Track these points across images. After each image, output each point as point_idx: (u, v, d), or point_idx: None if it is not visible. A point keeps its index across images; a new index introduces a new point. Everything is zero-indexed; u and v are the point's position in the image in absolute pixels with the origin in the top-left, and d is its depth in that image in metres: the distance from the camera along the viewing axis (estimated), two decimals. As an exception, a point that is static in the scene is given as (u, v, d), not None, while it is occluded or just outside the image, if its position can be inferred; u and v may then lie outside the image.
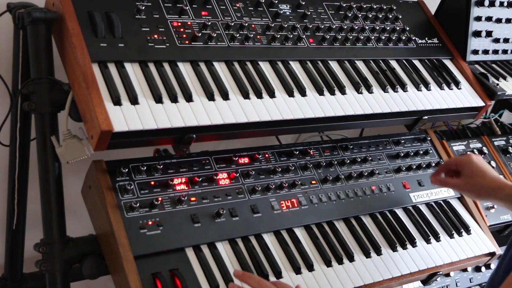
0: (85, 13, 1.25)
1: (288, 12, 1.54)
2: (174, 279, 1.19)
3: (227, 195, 1.36)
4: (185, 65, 1.32)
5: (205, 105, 1.25)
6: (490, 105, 1.76)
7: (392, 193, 1.60)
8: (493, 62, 1.90)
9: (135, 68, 1.25)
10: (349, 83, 1.50)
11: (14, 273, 1.48)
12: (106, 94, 1.16)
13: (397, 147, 1.71)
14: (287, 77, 1.42)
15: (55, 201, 1.26)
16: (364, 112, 1.46)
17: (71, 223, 1.35)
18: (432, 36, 1.79)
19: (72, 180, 1.52)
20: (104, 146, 1.15)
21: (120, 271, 1.18)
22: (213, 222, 1.30)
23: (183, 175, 1.34)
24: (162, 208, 1.27)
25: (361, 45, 1.61)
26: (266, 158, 1.47)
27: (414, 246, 1.52)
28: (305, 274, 1.31)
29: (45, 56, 1.24)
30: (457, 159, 1.57)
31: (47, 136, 1.25)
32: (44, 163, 1.26)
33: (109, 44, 1.23)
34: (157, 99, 1.21)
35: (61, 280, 1.25)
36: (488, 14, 1.85)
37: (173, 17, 1.36)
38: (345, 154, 1.61)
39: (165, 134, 1.22)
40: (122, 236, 1.19)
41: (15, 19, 1.26)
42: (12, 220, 1.40)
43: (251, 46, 1.42)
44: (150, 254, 1.21)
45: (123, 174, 1.27)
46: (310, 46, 1.51)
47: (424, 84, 1.63)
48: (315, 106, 1.39)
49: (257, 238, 1.34)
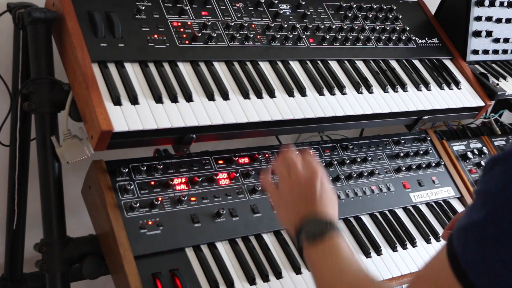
0: (85, 13, 1.25)
1: (288, 12, 1.54)
2: (174, 279, 1.19)
3: (227, 195, 1.36)
4: (185, 65, 1.32)
5: (205, 105, 1.25)
6: (490, 105, 1.76)
7: (392, 193, 1.60)
8: (493, 62, 1.90)
9: (135, 68, 1.25)
10: (349, 83, 1.50)
11: (14, 273, 1.47)
12: (106, 94, 1.16)
13: (397, 147, 1.71)
14: (287, 77, 1.42)
15: (55, 201, 1.26)
16: (364, 112, 1.46)
17: (71, 223, 1.35)
18: (432, 36, 1.79)
19: (72, 180, 1.52)
20: (104, 146, 1.15)
21: (120, 271, 1.18)
22: (213, 222, 1.30)
23: (183, 175, 1.34)
24: (162, 208, 1.27)
25: (361, 45, 1.61)
26: (266, 158, 1.47)
27: (414, 246, 1.51)
28: (305, 274, 1.31)
29: (45, 56, 1.24)
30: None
31: (47, 136, 1.24)
32: (44, 163, 1.25)
33: (109, 44, 1.23)
34: (157, 99, 1.21)
35: (61, 280, 1.25)
36: (488, 14, 1.85)
37: (173, 17, 1.36)
38: (345, 154, 1.61)
39: (165, 134, 1.22)
40: (122, 236, 1.19)
41: (15, 19, 1.26)
42: (12, 220, 1.40)
43: (251, 46, 1.42)
44: (150, 254, 1.21)
45: (123, 174, 1.27)
46: (310, 46, 1.51)
47: (424, 84, 1.63)
48: (315, 106, 1.39)
49: (257, 238, 1.34)
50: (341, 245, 1.01)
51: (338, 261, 0.98)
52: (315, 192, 1.07)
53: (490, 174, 0.70)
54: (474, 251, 0.69)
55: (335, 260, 0.98)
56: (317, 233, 1.01)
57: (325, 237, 1.01)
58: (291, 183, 1.10)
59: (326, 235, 1.01)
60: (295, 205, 1.08)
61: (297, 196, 1.08)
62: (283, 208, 1.11)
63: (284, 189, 1.11)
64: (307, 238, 1.02)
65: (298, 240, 1.04)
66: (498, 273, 0.66)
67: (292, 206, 1.08)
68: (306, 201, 1.07)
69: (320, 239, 1.01)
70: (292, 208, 1.08)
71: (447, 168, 1.75)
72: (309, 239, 1.02)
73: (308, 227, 1.03)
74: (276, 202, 1.14)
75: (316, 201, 1.06)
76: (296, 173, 1.11)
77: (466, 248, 0.70)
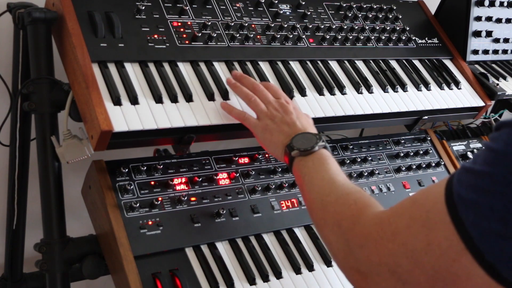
0: (85, 13, 1.25)
1: (288, 12, 1.54)
2: (174, 279, 1.19)
3: (227, 195, 1.36)
4: (185, 65, 1.32)
5: (205, 105, 1.26)
6: (490, 105, 1.76)
7: (392, 193, 1.60)
8: (493, 62, 1.90)
9: (135, 68, 1.25)
10: (349, 83, 1.50)
11: (14, 273, 1.47)
12: (106, 94, 1.16)
13: (397, 147, 1.71)
14: (287, 77, 1.42)
15: (55, 201, 1.25)
16: (364, 112, 1.46)
17: (71, 223, 1.34)
18: (432, 36, 1.79)
19: (72, 180, 1.52)
20: (104, 146, 1.15)
21: (120, 271, 1.18)
22: (213, 222, 1.30)
23: (183, 175, 1.34)
24: (162, 208, 1.27)
25: (361, 45, 1.61)
26: (266, 158, 1.47)
27: (414, 246, 1.51)
28: (305, 274, 1.31)
29: (45, 56, 1.24)
30: None
31: (47, 136, 1.24)
32: (44, 163, 1.25)
33: (109, 44, 1.23)
34: (157, 99, 1.21)
35: (61, 280, 1.25)
36: (488, 14, 1.85)
37: (173, 17, 1.36)
38: (345, 154, 1.61)
39: (165, 134, 1.22)
40: (122, 236, 1.19)
41: (15, 19, 1.26)
42: (12, 220, 1.40)
43: (251, 46, 1.42)
44: (150, 254, 1.21)
45: (123, 174, 1.27)
46: (310, 46, 1.51)
47: (424, 84, 1.63)
48: (315, 106, 1.39)
49: (257, 238, 1.34)
50: (329, 157, 1.12)
51: (328, 171, 1.08)
52: (294, 116, 1.22)
53: (499, 132, 0.75)
54: (467, 192, 0.74)
55: (325, 171, 1.08)
56: (308, 146, 1.13)
57: (315, 149, 1.13)
58: (270, 113, 1.23)
59: (316, 146, 1.13)
60: (280, 129, 1.20)
61: (280, 121, 1.21)
62: (268, 135, 1.22)
63: (265, 120, 1.23)
64: (300, 152, 1.13)
65: (289, 158, 1.15)
66: (484, 214, 0.71)
67: (277, 130, 1.21)
68: (288, 125, 1.20)
69: (312, 151, 1.12)
70: (278, 132, 1.20)
71: (447, 168, 1.75)
72: (302, 153, 1.13)
73: (300, 142, 1.15)
74: (261, 132, 1.24)
75: (297, 123, 1.20)
76: (270, 103, 1.25)
77: (462, 186, 0.75)
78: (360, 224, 0.90)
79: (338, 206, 0.97)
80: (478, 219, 0.72)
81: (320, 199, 1.02)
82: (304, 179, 1.09)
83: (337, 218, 0.95)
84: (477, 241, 0.72)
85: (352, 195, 0.99)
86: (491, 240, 0.71)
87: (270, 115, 1.23)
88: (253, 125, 1.25)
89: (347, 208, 0.95)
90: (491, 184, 0.72)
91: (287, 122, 1.21)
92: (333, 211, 0.97)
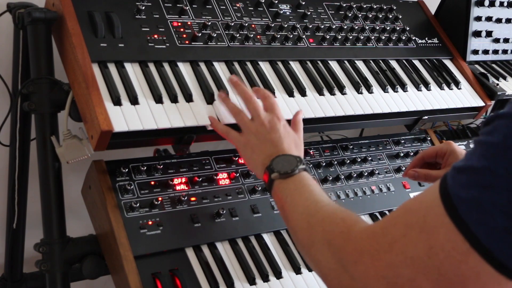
0: (85, 13, 1.25)
1: (288, 12, 1.54)
2: (174, 279, 1.19)
3: (227, 195, 1.36)
4: (185, 65, 1.32)
5: (205, 105, 1.26)
6: (490, 105, 1.76)
7: (392, 193, 1.60)
8: (493, 62, 1.90)
9: (135, 68, 1.25)
10: (349, 83, 1.50)
11: (14, 273, 1.48)
12: (106, 94, 1.16)
13: (397, 147, 1.71)
14: (287, 77, 1.42)
15: (55, 201, 1.25)
16: (364, 112, 1.46)
17: (71, 223, 1.35)
18: (432, 36, 1.79)
19: (72, 180, 1.52)
20: (104, 146, 1.15)
21: (120, 271, 1.18)
22: (213, 222, 1.30)
23: (183, 175, 1.34)
24: (162, 208, 1.27)
25: (361, 45, 1.61)
26: (266, 158, 1.47)
27: (414, 246, 1.51)
28: (305, 274, 1.31)
29: (45, 56, 1.24)
30: (437, 149, 1.42)
31: (47, 136, 1.24)
32: (44, 163, 1.25)
33: (109, 44, 1.23)
34: (157, 99, 1.21)
35: (61, 280, 1.25)
36: (488, 14, 1.85)
37: (173, 17, 1.36)
38: (345, 154, 1.61)
39: (165, 134, 1.22)
40: (122, 236, 1.19)
41: (15, 19, 1.26)
42: (12, 220, 1.40)
43: (251, 46, 1.42)
44: (150, 254, 1.20)
45: (123, 174, 1.27)
46: (310, 46, 1.51)
47: (424, 84, 1.63)
48: (315, 106, 1.39)
49: (257, 238, 1.34)
50: (310, 179, 1.08)
51: (311, 192, 1.04)
52: (279, 135, 1.16)
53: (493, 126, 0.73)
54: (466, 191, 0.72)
55: (308, 192, 1.04)
56: (289, 169, 1.09)
57: (296, 172, 1.08)
58: (256, 127, 1.18)
59: (297, 169, 1.08)
60: (262, 147, 1.16)
61: (263, 139, 1.16)
62: (249, 151, 1.18)
63: (249, 134, 1.18)
64: (280, 175, 1.09)
65: (269, 180, 1.11)
66: (487, 211, 0.69)
67: (259, 148, 1.16)
68: (271, 143, 1.15)
69: (292, 174, 1.08)
70: (259, 150, 1.16)
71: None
72: (281, 175, 1.09)
73: (280, 165, 1.10)
74: (242, 146, 1.20)
75: (281, 143, 1.15)
76: (259, 117, 1.19)
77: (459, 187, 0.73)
78: (351, 240, 0.87)
79: (326, 225, 0.94)
80: (482, 217, 0.70)
81: (306, 220, 0.99)
82: (286, 201, 1.06)
83: (326, 237, 0.92)
84: (484, 240, 0.70)
85: (339, 213, 0.95)
86: (498, 237, 0.69)
87: (254, 130, 1.18)
88: (236, 139, 1.21)
89: (336, 226, 0.92)
90: (492, 179, 0.70)
91: (271, 140, 1.15)
92: (321, 230, 0.94)
